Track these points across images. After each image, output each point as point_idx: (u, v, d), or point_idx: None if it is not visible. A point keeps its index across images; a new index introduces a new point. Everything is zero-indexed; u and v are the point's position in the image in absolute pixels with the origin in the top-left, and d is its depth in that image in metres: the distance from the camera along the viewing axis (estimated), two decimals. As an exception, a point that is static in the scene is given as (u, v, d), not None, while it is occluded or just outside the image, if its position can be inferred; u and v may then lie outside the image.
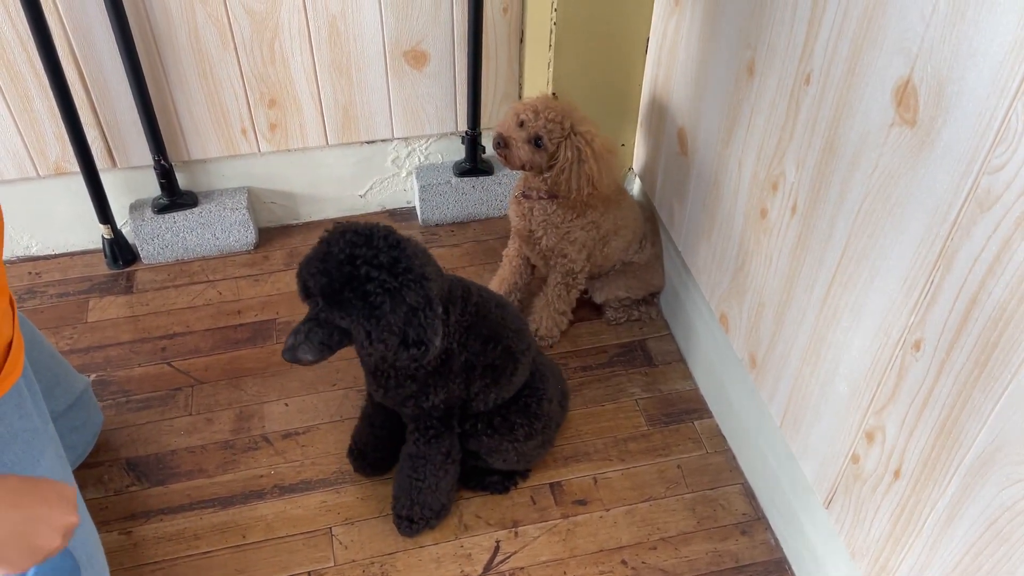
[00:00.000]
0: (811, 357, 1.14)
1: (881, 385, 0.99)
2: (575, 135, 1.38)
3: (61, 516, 0.72)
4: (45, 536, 0.71)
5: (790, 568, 1.30)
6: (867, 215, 0.97)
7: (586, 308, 1.68)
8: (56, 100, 1.50)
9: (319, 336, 1.03)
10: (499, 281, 1.67)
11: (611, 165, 1.42)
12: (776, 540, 1.33)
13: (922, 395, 0.92)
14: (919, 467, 0.95)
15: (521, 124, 1.40)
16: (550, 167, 1.42)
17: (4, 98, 1.52)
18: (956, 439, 0.88)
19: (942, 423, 0.90)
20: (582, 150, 1.38)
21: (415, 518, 1.29)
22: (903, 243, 0.91)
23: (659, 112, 1.56)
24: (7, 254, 1.76)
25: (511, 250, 1.64)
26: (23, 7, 1.38)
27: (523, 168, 1.43)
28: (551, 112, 1.38)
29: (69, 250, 1.78)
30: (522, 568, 1.29)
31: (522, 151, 1.40)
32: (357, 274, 0.99)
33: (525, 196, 1.51)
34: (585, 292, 1.66)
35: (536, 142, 1.39)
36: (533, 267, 1.65)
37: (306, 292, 1.04)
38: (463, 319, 1.16)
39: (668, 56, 1.48)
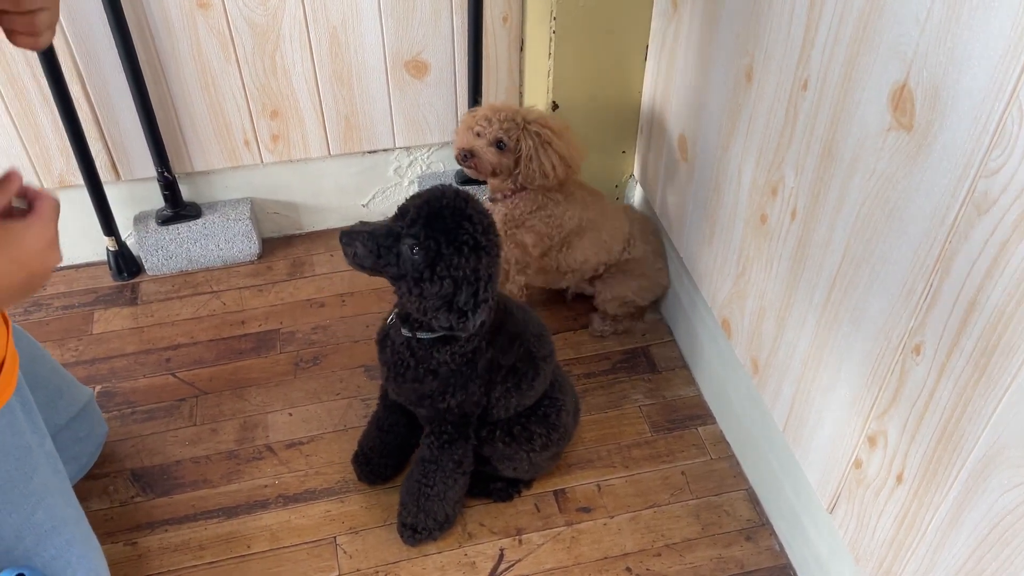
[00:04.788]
0: (813, 362, 1.14)
1: (882, 390, 0.99)
2: (529, 124, 1.41)
3: (44, 263, 0.78)
4: (36, 284, 0.78)
5: (795, 574, 1.29)
6: (866, 219, 0.97)
7: (587, 316, 1.68)
8: (60, 114, 1.52)
9: (380, 239, 1.03)
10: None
11: (572, 140, 1.44)
12: (781, 546, 1.32)
13: (923, 399, 0.92)
14: (921, 471, 0.94)
15: (478, 135, 1.42)
16: (517, 162, 1.43)
17: (8, 112, 1.54)
18: (957, 443, 0.88)
19: (943, 427, 0.90)
20: (542, 134, 1.40)
21: (419, 527, 1.29)
22: (902, 247, 0.91)
23: (659, 118, 1.57)
24: (13, 267, 1.76)
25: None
26: (26, 22, 1.39)
27: (494, 174, 1.44)
28: (502, 114, 1.40)
29: (74, 262, 1.79)
30: (526, 576, 1.29)
31: (489, 155, 1.41)
32: (463, 209, 1.03)
33: (492, 200, 1.52)
34: (591, 298, 1.65)
35: (499, 145, 1.41)
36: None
37: (386, 228, 1.06)
38: (494, 318, 1.16)
39: (667, 63, 1.48)
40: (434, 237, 1.02)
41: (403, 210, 1.06)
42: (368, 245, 1.04)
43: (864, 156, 0.95)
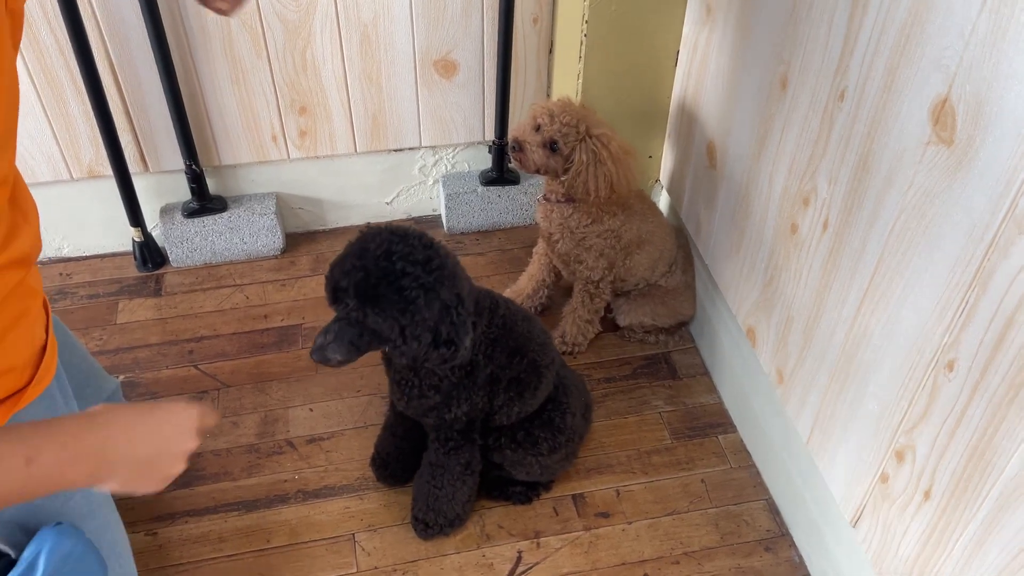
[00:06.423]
0: (840, 375, 1.13)
1: (912, 404, 0.98)
2: (591, 138, 1.38)
3: (181, 443, 0.80)
4: (169, 464, 0.79)
5: (814, 586, 1.29)
6: (901, 233, 0.96)
7: (609, 320, 1.67)
8: (91, 104, 1.53)
9: (348, 335, 1.02)
10: (527, 277, 1.68)
11: (629, 167, 1.42)
12: (800, 557, 1.32)
13: (955, 416, 0.91)
14: (950, 488, 0.94)
15: (537, 128, 1.40)
16: (566, 171, 1.41)
17: (41, 102, 1.55)
18: (989, 461, 0.87)
19: (975, 445, 0.89)
20: (598, 152, 1.38)
21: (430, 523, 1.30)
22: (938, 262, 0.91)
23: (688, 125, 1.56)
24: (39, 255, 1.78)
25: (540, 247, 1.64)
26: (61, 12, 1.40)
27: (538, 172, 1.43)
28: (566, 116, 1.37)
29: (100, 252, 1.80)
30: (544, 579, 1.29)
31: (536, 155, 1.40)
32: (393, 269, 0.99)
33: (546, 199, 1.51)
34: (609, 311, 1.65)
35: (551, 146, 1.39)
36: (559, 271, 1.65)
37: (335, 293, 1.03)
38: (490, 331, 1.15)
39: (698, 69, 1.48)
40: (385, 309, 1.00)
41: (340, 289, 1.02)
42: (342, 347, 1.02)
43: (902, 169, 0.95)
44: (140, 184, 1.70)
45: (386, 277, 0.99)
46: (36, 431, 0.71)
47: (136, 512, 1.35)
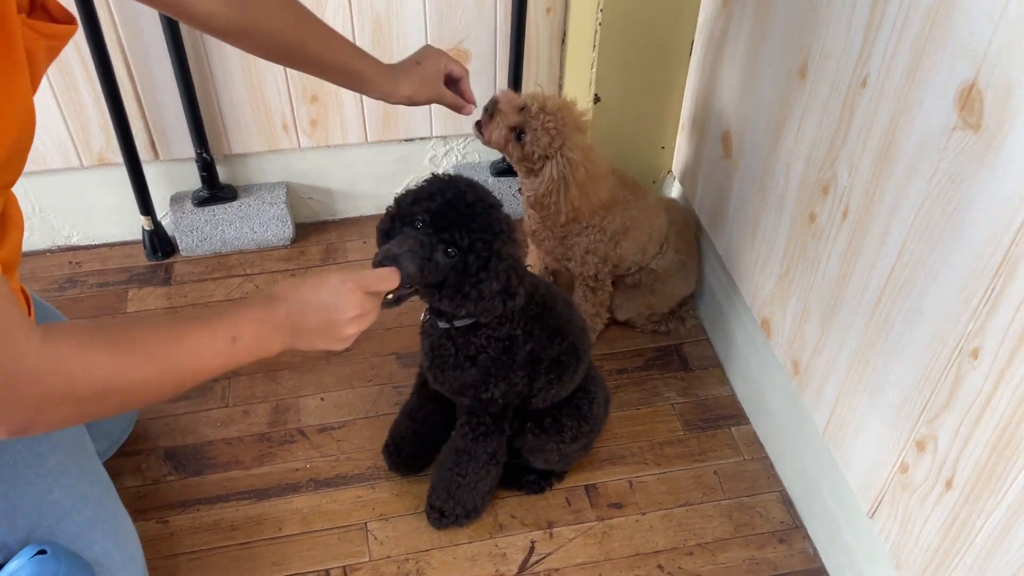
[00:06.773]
0: (859, 364, 1.12)
1: (935, 393, 0.97)
2: (561, 158, 1.30)
3: (344, 312, 0.87)
4: (341, 328, 0.88)
5: (829, 578, 1.28)
6: (925, 220, 0.95)
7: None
8: (103, 91, 1.52)
9: (420, 255, 0.95)
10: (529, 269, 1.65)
11: (594, 193, 1.35)
12: (815, 549, 1.31)
13: (979, 405, 0.91)
14: (973, 478, 0.93)
15: (520, 108, 1.31)
16: (528, 171, 1.35)
17: (52, 88, 1.54)
18: (1014, 451, 0.87)
19: (999, 434, 0.88)
20: (567, 176, 1.31)
21: (447, 512, 1.29)
22: (963, 249, 0.90)
23: (703, 115, 1.55)
24: (47, 243, 1.77)
25: None
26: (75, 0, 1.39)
27: (489, 145, 1.35)
28: (551, 119, 1.28)
29: (109, 240, 1.80)
30: (557, 569, 1.28)
31: (496, 132, 1.31)
32: (482, 198, 1.01)
33: (520, 191, 1.46)
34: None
35: (518, 135, 1.31)
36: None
37: (390, 223, 1.01)
38: (529, 308, 1.14)
39: (714, 59, 1.47)
40: (475, 231, 0.98)
41: (405, 219, 0.99)
42: (415, 261, 0.94)
43: (926, 155, 0.94)
44: (150, 172, 1.69)
45: (482, 199, 1.01)
46: (236, 315, 0.82)
47: (146, 500, 1.35)
